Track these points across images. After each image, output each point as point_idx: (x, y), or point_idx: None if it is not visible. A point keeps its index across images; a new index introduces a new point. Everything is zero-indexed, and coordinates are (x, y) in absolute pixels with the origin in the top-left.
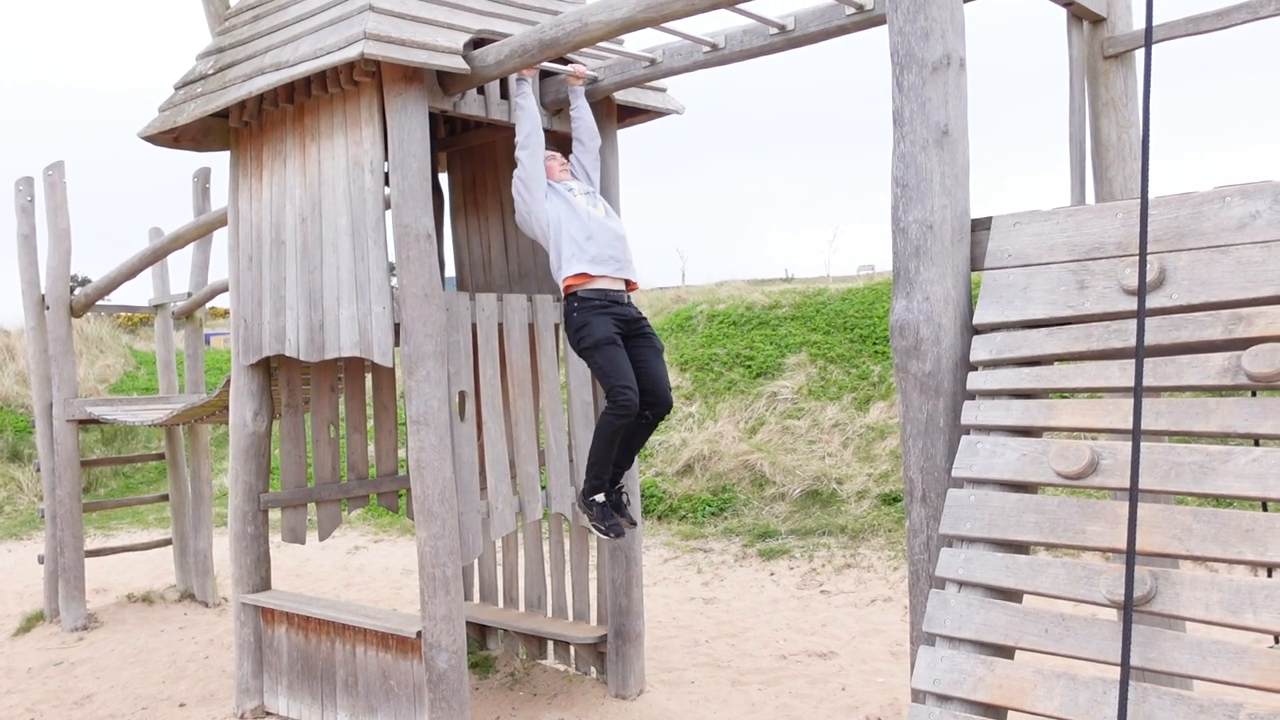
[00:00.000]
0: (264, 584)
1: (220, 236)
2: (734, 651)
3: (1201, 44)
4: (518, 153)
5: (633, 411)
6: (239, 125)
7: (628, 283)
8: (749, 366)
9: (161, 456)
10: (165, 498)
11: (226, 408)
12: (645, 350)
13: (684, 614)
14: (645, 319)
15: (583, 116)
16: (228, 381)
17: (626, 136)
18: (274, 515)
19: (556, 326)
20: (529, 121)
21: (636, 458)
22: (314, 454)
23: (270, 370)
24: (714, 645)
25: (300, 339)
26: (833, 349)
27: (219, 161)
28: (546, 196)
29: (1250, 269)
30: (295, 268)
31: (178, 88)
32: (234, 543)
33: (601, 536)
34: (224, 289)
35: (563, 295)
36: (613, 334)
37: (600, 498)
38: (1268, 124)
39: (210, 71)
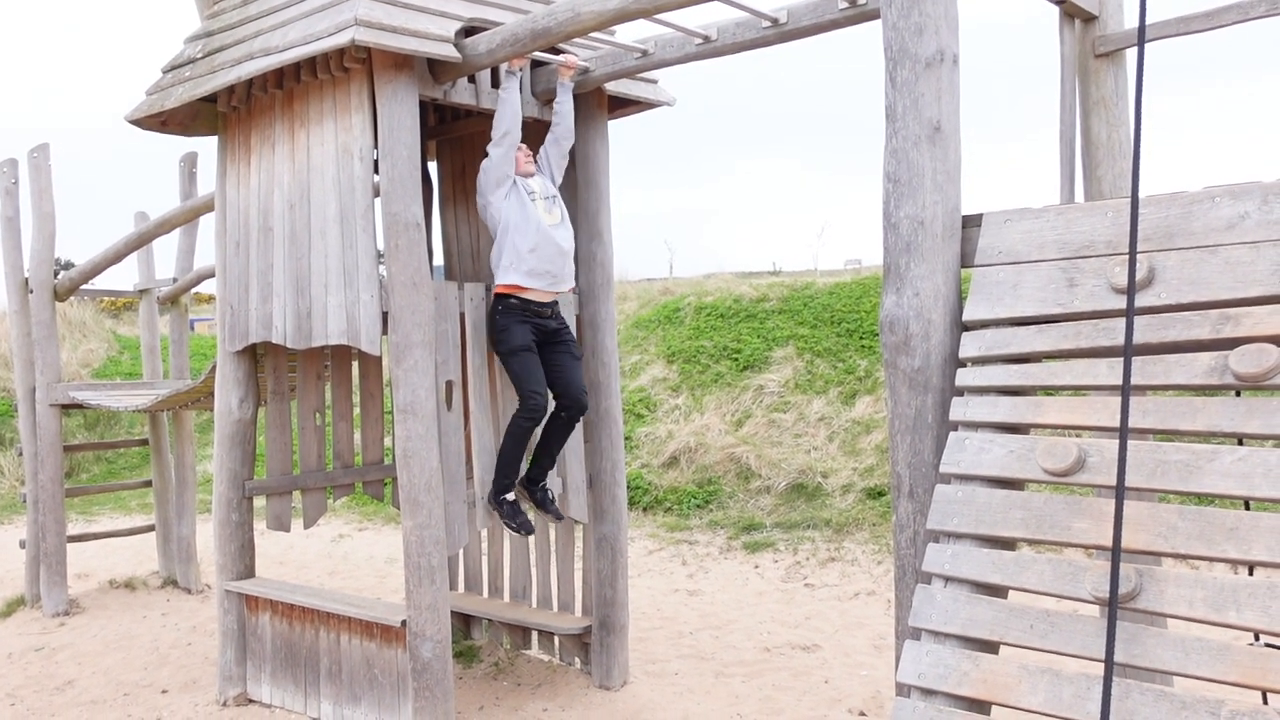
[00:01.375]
0: (248, 571)
1: (207, 222)
2: (718, 644)
3: (1193, 43)
4: (491, 146)
5: (540, 416)
6: (227, 110)
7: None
8: (736, 359)
9: (145, 442)
10: (148, 483)
11: (211, 394)
12: (562, 355)
13: (668, 606)
14: (566, 328)
15: (565, 114)
16: (213, 368)
17: (617, 127)
18: (258, 502)
19: None
20: (510, 117)
21: (558, 455)
22: (299, 441)
23: (256, 357)
24: (698, 637)
25: (287, 326)
26: (819, 343)
27: (206, 146)
28: (507, 195)
29: (1238, 269)
30: (283, 254)
31: (165, 71)
32: (218, 529)
33: (513, 533)
34: (210, 275)
35: (492, 294)
36: (529, 341)
37: (511, 496)
38: (1258, 123)
39: (199, 55)
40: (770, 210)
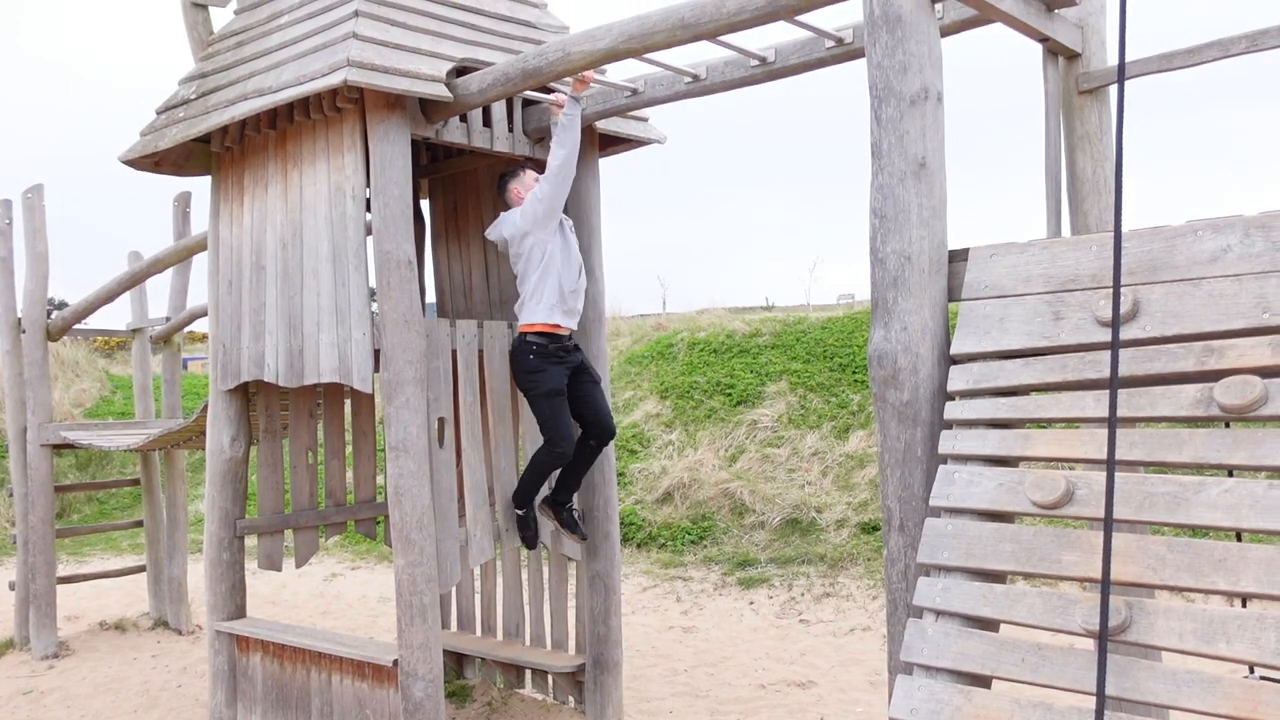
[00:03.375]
0: (239, 611)
1: (200, 261)
2: (713, 681)
3: (1176, 79)
4: (552, 176)
5: (566, 459)
6: (221, 150)
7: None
8: (729, 394)
9: (136, 482)
10: (140, 524)
11: (203, 433)
12: (586, 385)
13: (663, 643)
14: (583, 354)
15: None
16: (205, 407)
17: (608, 165)
18: (250, 542)
19: None
20: (574, 145)
21: (580, 480)
22: (291, 480)
23: (248, 396)
24: (693, 674)
25: (279, 364)
26: (813, 378)
27: (200, 186)
28: (557, 229)
29: (1222, 302)
30: (275, 293)
31: (159, 112)
32: (209, 569)
33: (564, 531)
34: (203, 313)
35: (519, 331)
36: (562, 385)
37: (521, 512)
38: (1240, 156)
39: (193, 96)
40: (763, 246)
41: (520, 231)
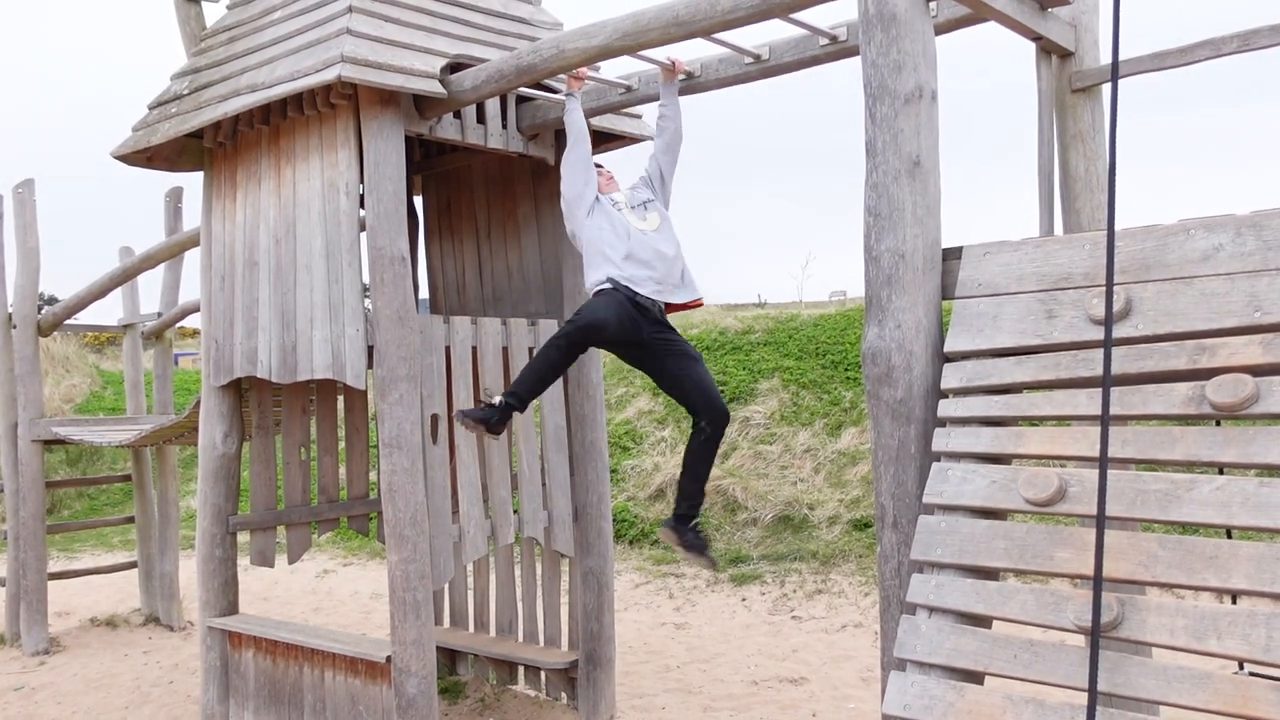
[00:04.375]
0: (231, 608)
1: (192, 257)
2: (705, 677)
3: (1168, 78)
4: (564, 164)
5: (585, 340)
6: (213, 146)
7: (670, 305)
8: (722, 391)
9: (128, 478)
10: (131, 520)
11: (195, 429)
12: (684, 363)
13: (655, 639)
14: (675, 333)
15: (670, 117)
16: (197, 402)
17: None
18: (242, 538)
19: (530, 350)
20: (573, 137)
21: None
22: (284, 476)
23: (241, 392)
24: (685, 671)
25: (272, 360)
26: (805, 375)
27: (192, 181)
28: (590, 213)
29: (1214, 300)
30: (268, 289)
31: (152, 107)
32: (201, 565)
33: (469, 429)
34: (195, 309)
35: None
36: (620, 311)
37: (496, 400)
38: (1234, 154)
39: (185, 92)
40: (756, 242)
41: (570, 232)
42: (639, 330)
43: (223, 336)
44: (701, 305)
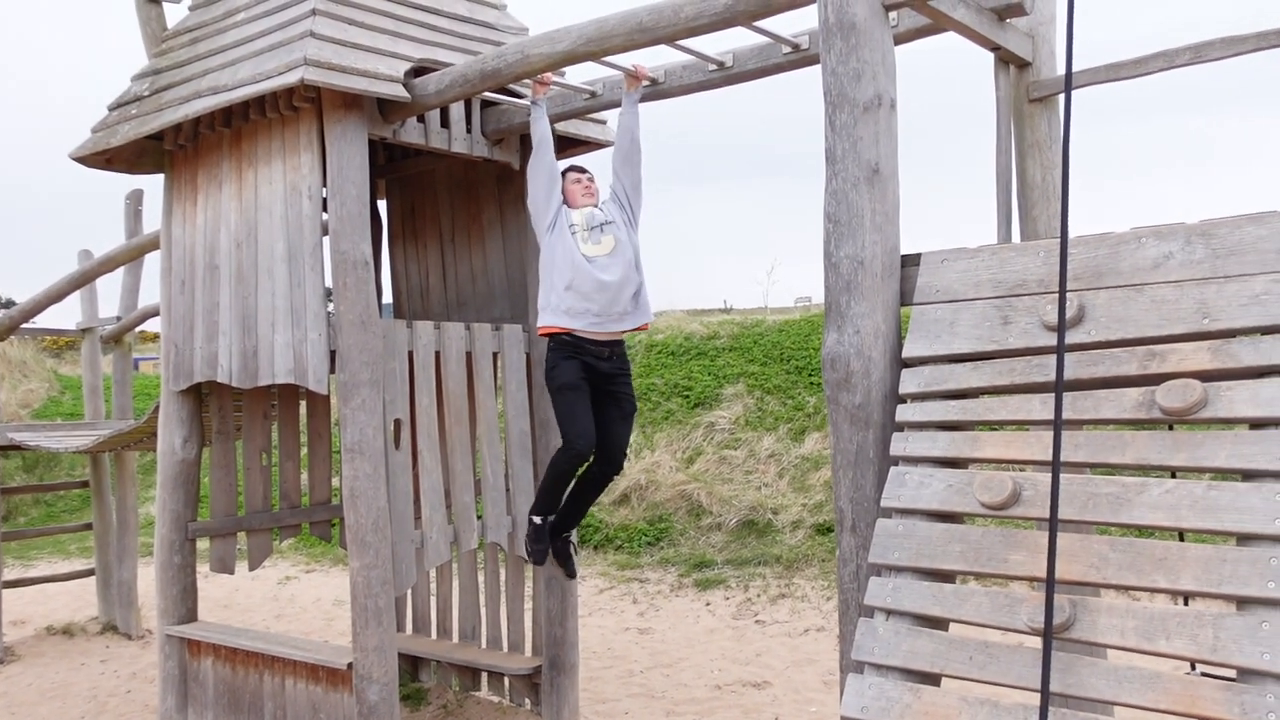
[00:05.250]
0: (190, 615)
1: (152, 260)
2: (668, 682)
3: (1128, 87)
4: (527, 177)
5: (582, 459)
6: (174, 148)
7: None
8: (687, 397)
9: (86, 484)
10: (89, 526)
11: (154, 434)
12: (611, 410)
13: (619, 644)
14: (623, 375)
15: (625, 128)
16: (156, 407)
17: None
18: (202, 545)
19: (495, 355)
20: (536, 145)
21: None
22: (245, 482)
23: (201, 397)
24: (649, 676)
25: (233, 365)
26: (769, 380)
27: (153, 183)
28: (549, 229)
29: (1164, 307)
30: (229, 293)
31: (112, 109)
32: (160, 573)
33: (525, 558)
34: (154, 313)
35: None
36: (578, 379)
37: (539, 519)
38: (1186, 162)
39: (146, 93)
40: (722, 248)
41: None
42: (594, 375)
43: (182, 341)
44: (647, 329)
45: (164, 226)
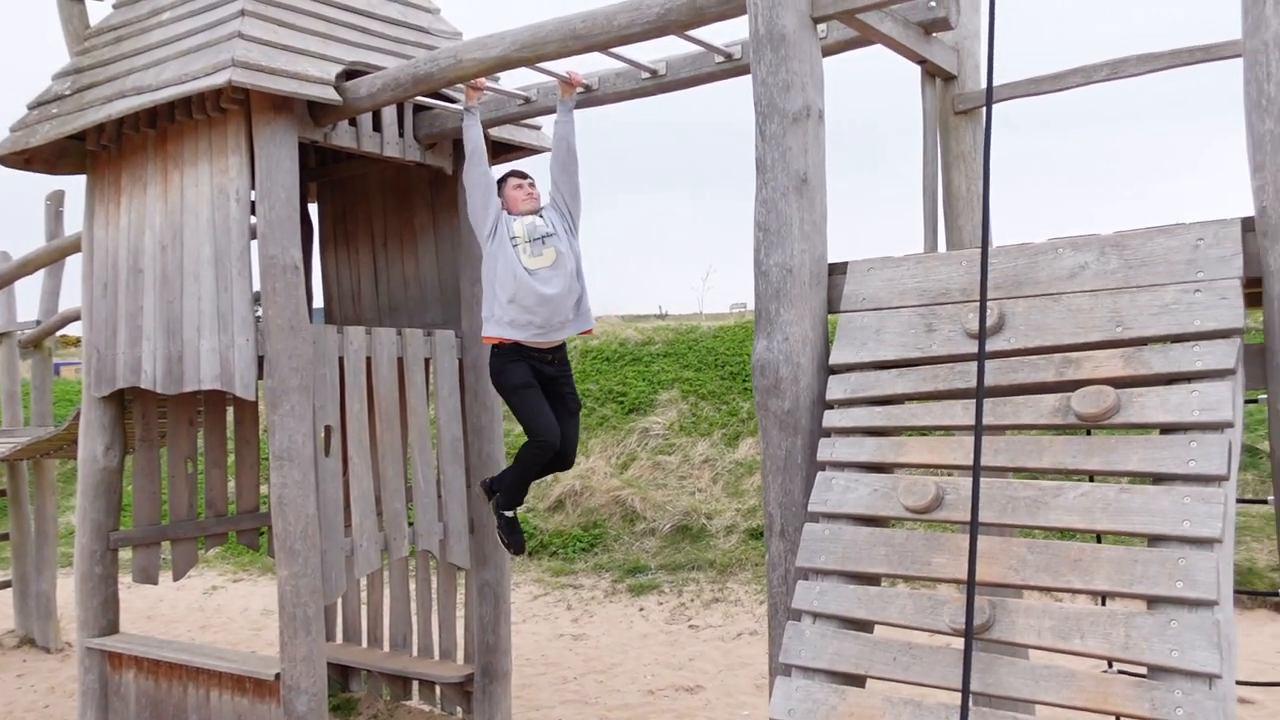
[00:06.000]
0: (112, 627)
1: (73, 263)
2: (602, 688)
3: (1054, 99)
4: (465, 186)
5: (550, 451)
6: (97, 148)
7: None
8: (621, 403)
9: (3, 493)
10: (5, 537)
11: (75, 442)
12: (559, 410)
13: (553, 651)
14: (566, 377)
15: (561, 136)
16: (77, 414)
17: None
18: (124, 555)
19: (427, 361)
20: (469, 154)
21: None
22: (169, 490)
23: (124, 403)
24: (582, 682)
25: (157, 370)
26: (704, 386)
27: (74, 184)
28: (489, 238)
29: (1079, 316)
30: (154, 297)
31: (31, 108)
32: (80, 584)
33: (505, 548)
34: (75, 317)
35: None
36: (529, 379)
37: (511, 514)
38: (1113, 174)
39: (67, 92)
40: (658, 254)
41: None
42: (540, 378)
43: (105, 345)
44: (591, 333)
45: (86, 228)
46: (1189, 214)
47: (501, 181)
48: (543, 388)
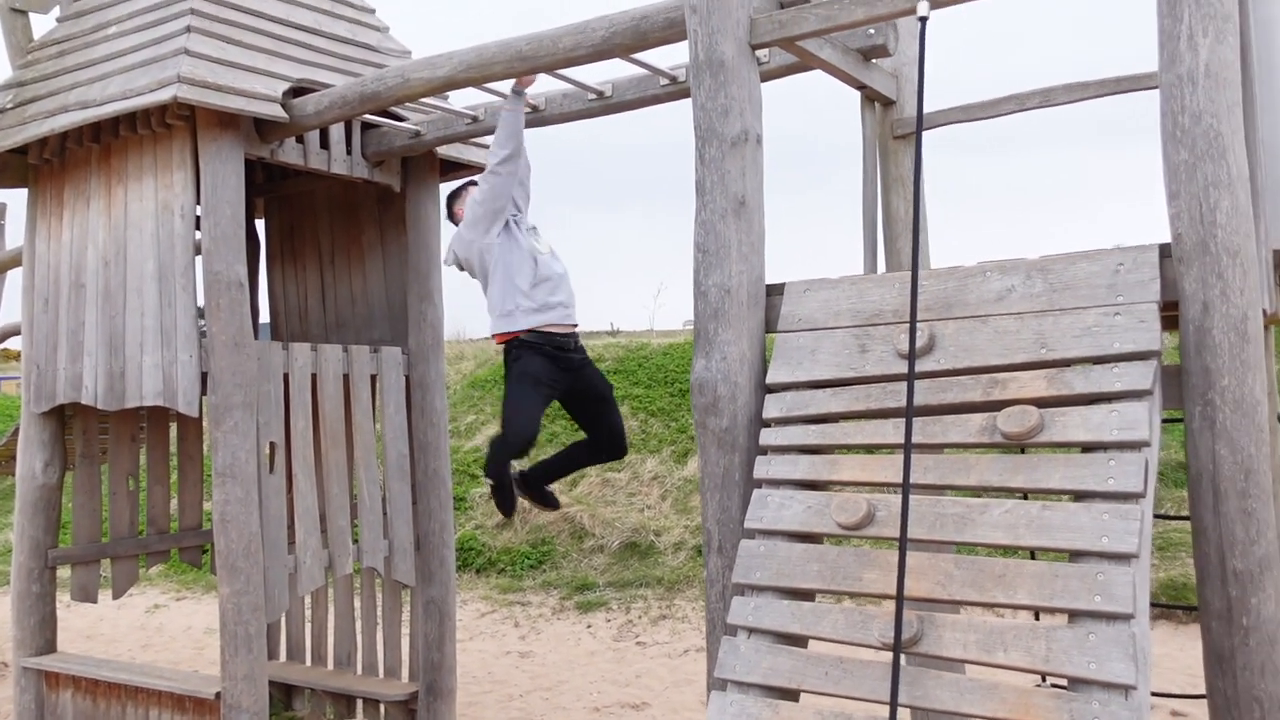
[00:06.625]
0: (49, 646)
1: (14, 277)
2: (548, 705)
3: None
4: (494, 170)
5: (516, 451)
6: (39, 162)
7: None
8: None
9: None
10: None
11: (14, 458)
12: (598, 404)
13: (499, 668)
14: (588, 361)
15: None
16: (16, 430)
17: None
18: (63, 573)
19: (373, 378)
20: (511, 139)
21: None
22: (110, 507)
23: (64, 419)
24: (528, 700)
25: (99, 386)
26: (654, 402)
27: (15, 198)
28: (503, 229)
29: (1006, 337)
30: (96, 312)
31: None
32: (16, 602)
33: (535, 505)
34: (16, 331)
35: (500, 343)
36: (543, 378)
37: (491, 481)
38: (1047, 197)
39: (9, 105)
40: (609, 271)
41: (466, 241)
42: (567, 371)
43: (45, 361)
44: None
45: (27, 242)
46: (1150, 235)
47: (465, 189)
48: (572, 385)
